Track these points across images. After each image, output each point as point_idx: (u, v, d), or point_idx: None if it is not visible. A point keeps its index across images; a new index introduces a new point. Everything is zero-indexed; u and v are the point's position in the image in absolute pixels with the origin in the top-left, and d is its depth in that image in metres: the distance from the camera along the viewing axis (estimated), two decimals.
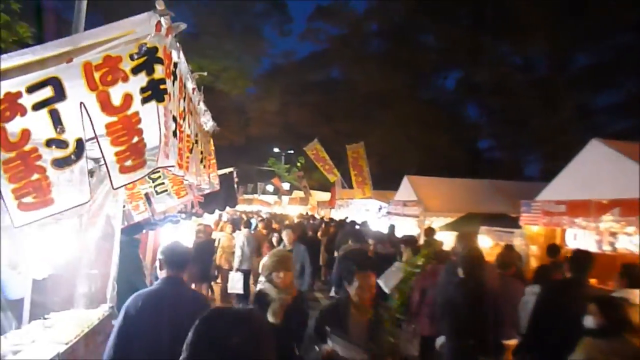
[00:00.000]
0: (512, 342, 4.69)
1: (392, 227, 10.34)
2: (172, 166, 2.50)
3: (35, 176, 2.21)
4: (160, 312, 3.21)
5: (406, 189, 15.40)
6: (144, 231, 6.45)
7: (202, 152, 4.37)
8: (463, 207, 13.12)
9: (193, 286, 9.16)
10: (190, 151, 3.47)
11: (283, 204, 35.92)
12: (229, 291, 10.04)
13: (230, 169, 7.98)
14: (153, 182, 5.56)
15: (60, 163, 2.21)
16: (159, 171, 5.76)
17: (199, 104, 3.99)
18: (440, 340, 4.89)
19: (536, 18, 22.70)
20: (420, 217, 13.36)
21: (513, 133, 25.66)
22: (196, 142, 3.88)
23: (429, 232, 9.21)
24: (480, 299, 4.07)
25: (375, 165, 20.25)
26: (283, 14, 37.28)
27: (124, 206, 5.47)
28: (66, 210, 2.27)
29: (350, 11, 35.70)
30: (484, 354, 4.23)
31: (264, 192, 45.82)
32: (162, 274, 3.53)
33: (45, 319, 4.40)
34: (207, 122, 5.06)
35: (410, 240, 7.92)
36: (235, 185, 8.04)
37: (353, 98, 31.57)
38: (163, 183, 5.61)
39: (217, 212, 8.73)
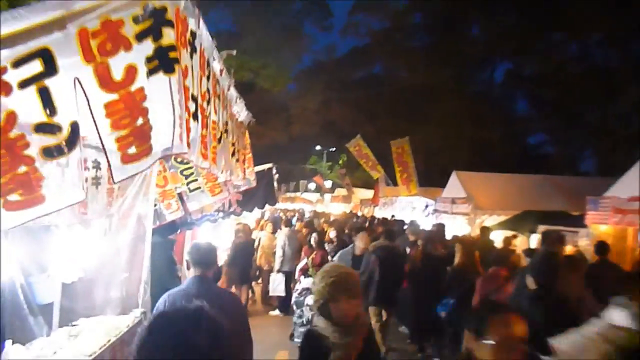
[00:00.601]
0: None
1: (441, 226, 9.66)
2: (185, 153, 2.05)
3: (23, 169, 1.80)
4: None
5: (455, 186, 14.62)
6: (179, 231, 6.13)
7: (233, 144, 3.95)
8: (517, 205, 12.26)
9: (233, 288, 8.86)
10: (219, 141, 3.03)
11: (325, 202, 35.47)
12: (270, 294, 9.68)
13: (269, 165, 7.58)
14: (186, 178, 5.21)
15: (50, 152, 1.80)
16: (192, 167, 5.42)
17: (229, 89, 3.56)
18: None
19: (593, 2, 21.20)
20: (471, 215, 12.60)
21: (567, 127, 24.17)
22: (226, 131, 3.46)
23: (484, 231, 8.50)
24: (561, 316, 3.44)
25: (420, 162, 19.48)
26: (323, 9, 36.54)
27: (155, 205, 5.15)
28: (59, 210, 1.85)
29: (392, 2, 34.53)
30: None
31: (306, 190, 45.50)
32: (189, 274, 3.53)
33: (73, 325, 4.12)
34: (241, 112, 4.65)
35: (464, 241, 7.29)
36: (275, 183, 7.63)
37: (397, 94, 30.64)
38: (196, 180, 5.25)
39: (256, 210, 8.36)
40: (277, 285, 9.41)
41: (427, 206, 16.46)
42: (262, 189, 7.40)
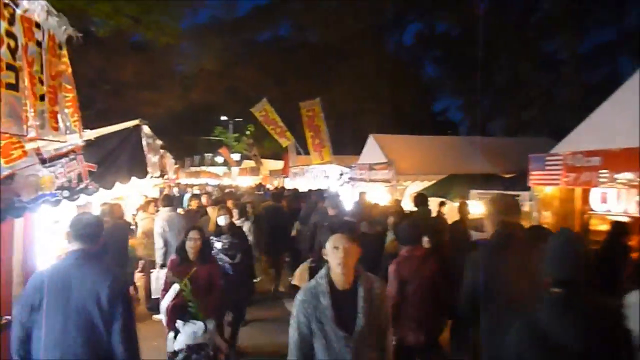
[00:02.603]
0: None
1: (364, 196, 8.10)
2: None
3: None
4: (67, 288, 2.83)
5: (372, 151, 13.22)
6: None
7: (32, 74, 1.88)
8: (442, 169, 11.09)
9: None
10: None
11: (233, 175, 33.43)
12: (152, 295, 7.53)
13: (135, 122, 5.41)
14: None
15: None
16: None
17: None
18: None
19: None
20: (392, 181, 11.23)
21: (475, 89, 23.72)
22: None
23: (419, 200, 6.98)
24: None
25: (331, 128, 17.78)
26: None
27: None
28: None
29: None
30: None
31: (213, 164, 42.86)
32: (70, 247, 3.09)
33: None
34: (43, 16, 2.53)
35: (398, 213, 5.71)
36: (146, 146, 5.50)
37: (305, 56, 28.52)
38: None
39: (120, 186, 6.05)
40: (159, 284, 7.34)
41: (341, 174, 15.00)
42: (125, 155, 5.24)
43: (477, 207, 8.89)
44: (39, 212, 5.32)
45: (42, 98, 2.58)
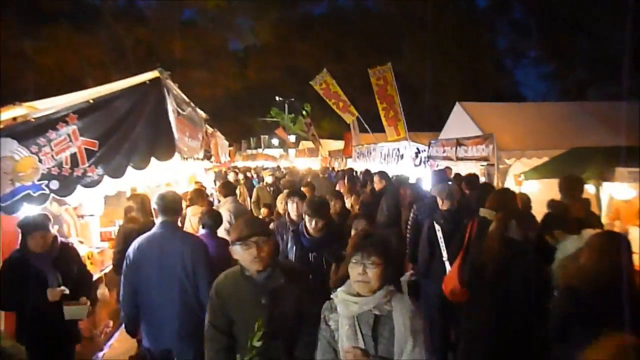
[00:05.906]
0: None
1: (474, 180, 5.97)
2: None
3: None
4: (159, 253, 3.41)
5: (459, 123, 10.93)
6: None
7: None
8: (558, 142, 8.69)
9: None
10: None
11: (290, 157, 32.02)
12: None
13: (154, 73, 3.58)
14: None
15: None
16: None
17: None
18: None
19: None
20: (491, 159, 8.94)
21: (568, 52, 20.53)
22: None
23: (572, 185, 4.72)
24: None
25: (403, 103, 15.62)
26: None
27: None
28: None
29: None
30: None
31: (269, 146, 41.69)
32: (158, 220, 3.59)
33: None
34: None
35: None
36: (173, 113, 3.66)
37: (367, 28, 26.26)
38: None
39: (133, 173, 4.04)
40: None
41: (417, 153, 12.80)
42: (141, 124, 3.43)
43: (630, 192, 6.56)
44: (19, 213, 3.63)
45: None
